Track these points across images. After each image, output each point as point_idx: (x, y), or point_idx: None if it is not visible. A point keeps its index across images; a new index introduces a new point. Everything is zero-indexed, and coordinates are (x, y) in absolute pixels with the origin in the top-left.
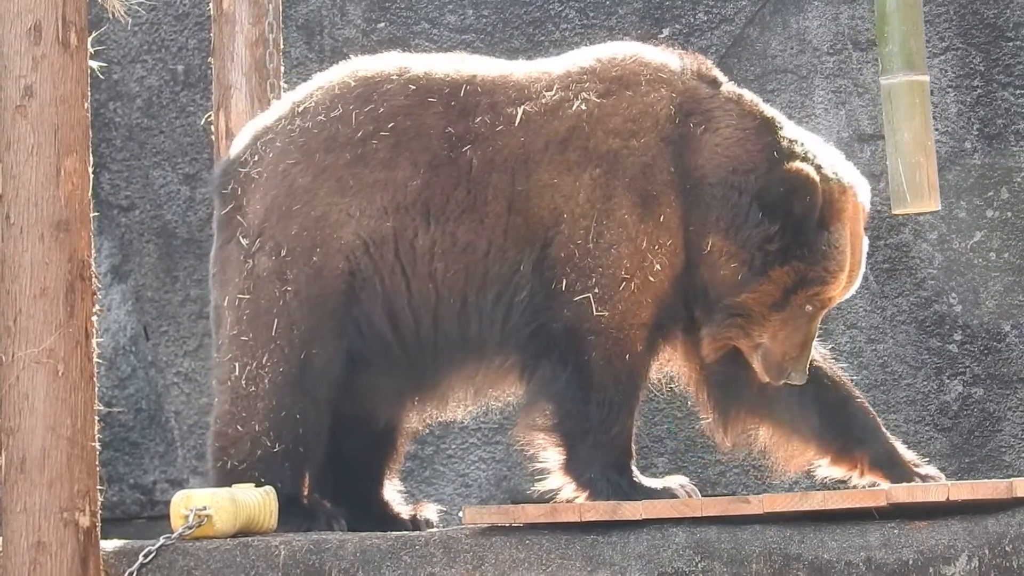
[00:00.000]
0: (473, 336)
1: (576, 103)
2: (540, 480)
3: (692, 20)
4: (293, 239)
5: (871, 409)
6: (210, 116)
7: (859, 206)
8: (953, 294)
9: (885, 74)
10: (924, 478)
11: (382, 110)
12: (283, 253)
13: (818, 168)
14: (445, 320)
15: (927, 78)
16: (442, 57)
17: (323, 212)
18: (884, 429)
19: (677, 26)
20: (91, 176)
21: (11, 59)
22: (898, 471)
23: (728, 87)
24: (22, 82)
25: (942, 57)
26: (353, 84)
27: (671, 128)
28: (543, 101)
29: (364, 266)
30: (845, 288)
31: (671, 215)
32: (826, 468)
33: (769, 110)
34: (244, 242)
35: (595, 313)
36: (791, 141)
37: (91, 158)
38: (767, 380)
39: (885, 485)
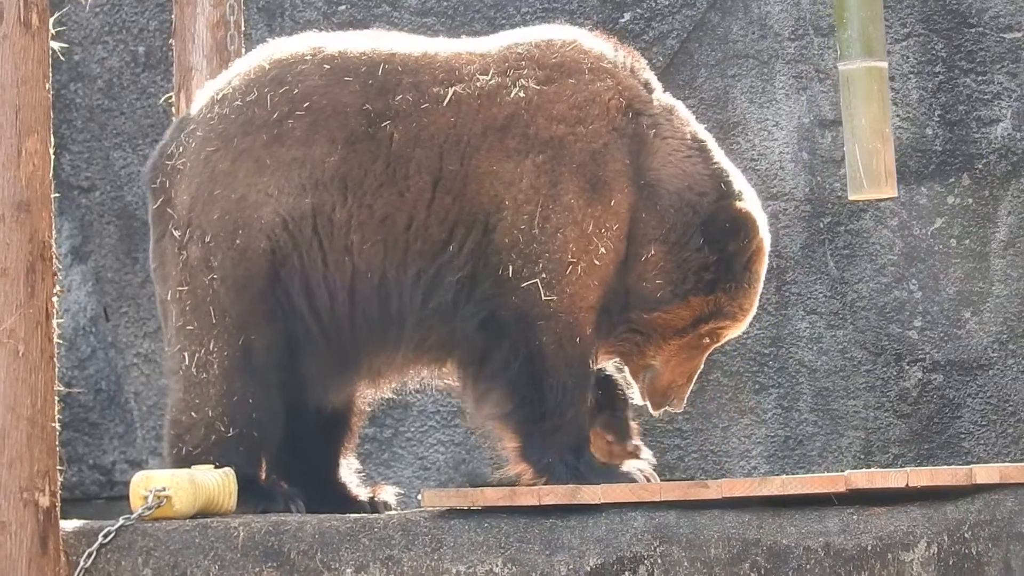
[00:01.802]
0: (393, 314)
1: (515, 90)
2: (498, 467)
3: (653, 4)
4: (216, 224)
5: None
6: (170, 97)
7: (767, 252)
8: (913, 280)
9: (843, 60)
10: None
11: (297, 91)
12: (208, 240)
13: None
14: (362, 296)
15: (885, 64)
16: (358, 35)
17: (243, 194)
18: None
19: (638, 10)
20: (52, 157)
21: None
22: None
23: (660, 95)
24: None
25: (904, 43)
26: (268, 67)
27: (623, 121)
28: (478, 85)
29: (283, 243)
30: (739, 328)
31: (622, 201)
32: None
33: (701, 130)
34: (176, 234)
35: (544, 298)
36: (728, 173)
37: (52, 139)
38: (645, 403)
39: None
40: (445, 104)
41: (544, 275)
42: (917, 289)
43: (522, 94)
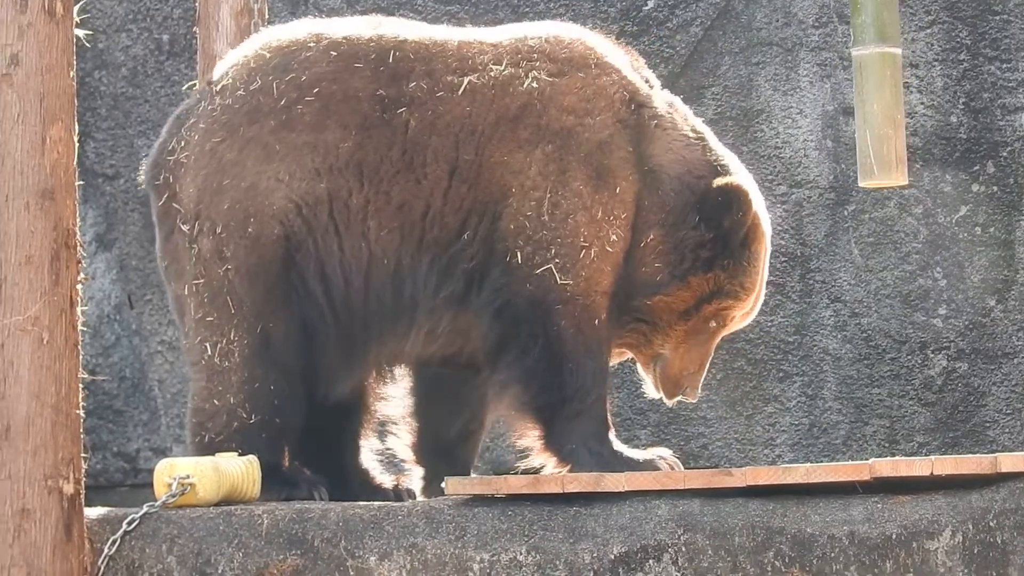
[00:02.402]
0: (406, 300)
1: (527, 81)
2: (522, 458)
3: None
4: (226, 214)
5: None
6: (194, 85)
7: (767, 235)
8: (938, 268)
9: (857, 45)
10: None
11: (304, 77)
12: (219, 231)
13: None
14: (377, 282)
15: (899, 51)
16: (357, 21)
17: (252, 182)
18: None
19: None
20: (76, 145)
21: None
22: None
23: (659, 91)
24: (8, 51)
25: (928, 31)
26: (269, 56)
27: (626, 113)
28: (491, 75)
29: (298, 228)
30: (748, 312)
31: (627, 188)
32: None
33: (700, 123)
34: (185, 228)
35: (559, 282)
36: (726, 159)
37: (76, 127)
38: (660, 395)
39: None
40: (460, 93)
41: (558, 260)
42: (942, 277)
43: (535, 85)
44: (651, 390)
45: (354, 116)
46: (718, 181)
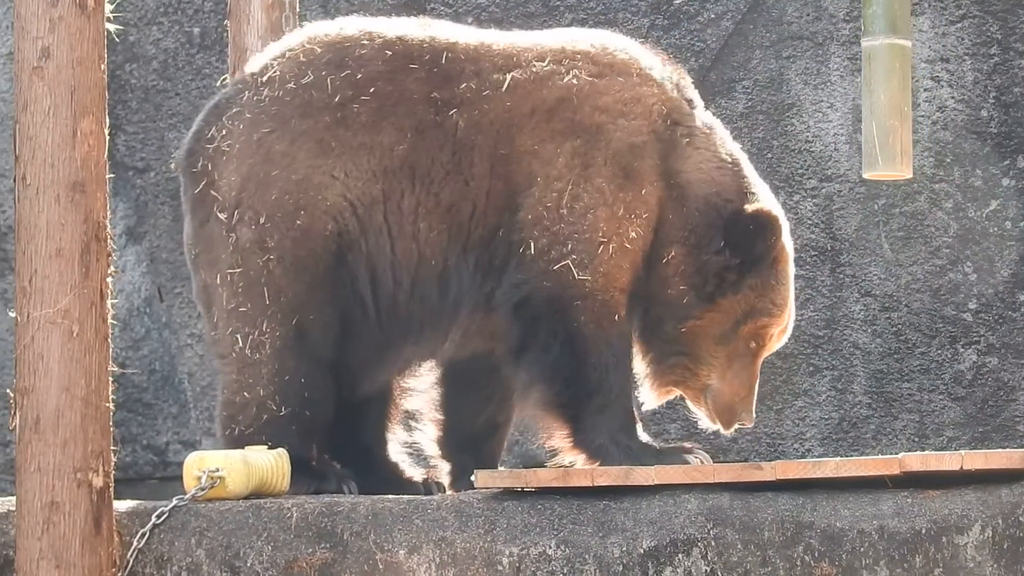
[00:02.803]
0: (450, 301)
1: (568, 77)
2: (552, 457)
3: None
4: (273, 205)
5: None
6: (226, 79)
7: (792, 257)
8: (968, 263)
9: (867, 36)
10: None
11: (360, 75)
12: (262, 221)
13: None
14: (424, 282)
15: (909, 43)
16: (407, 22)
17: (305, 175)
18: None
19: None
20: (107, 138)
21: (28, 20)
22: None
23: (702, 112)
24: (39, 43)
25: (959, 25)
26: (320, 51)
27: (661, 125)
28: (533, 70)
29: (352, 227)
30: (784, 330)
31: (652, 192)
32: None
33: (736, 149)
34: (223, 216)
35: (577, 278)
36: (758, 186)
37: (107, 120)
38: (717, 427)
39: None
40: (504, 90)
41: (575, 256)
42: (972, 271)
43: (574, 81)
44: (706, 423)
45: (409, 119)
46: (749, 207)
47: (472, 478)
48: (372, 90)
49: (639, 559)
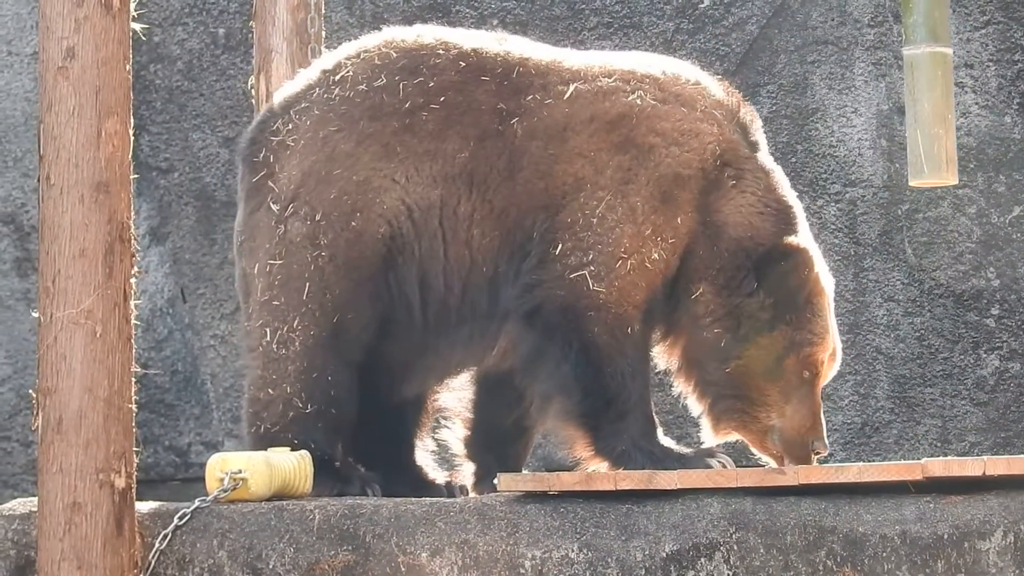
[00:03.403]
0: (500, 307)
1: (632, 96)
2: (575, 464)
3: None
4: (331, 203)
5: None
6: (252, 80)
7: (829, 291)
8: (991, 268)
9: (908, 45)
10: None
11: (432, 84)
12: (318, 218)
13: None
14: (475, 288)
15: (950, 51)
16: (482, 35)
17: (366, 177)
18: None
19: None
20: (131, 138)
21: (54, 20)
22: None
23: (763, 156)
24: (64, 44)
25: (983, 31)
26: (395, 55)
27: (712, 164)
28: (598, 84)
29: (406, 231)
30: (833, 355)
31: (685, 221)
32: None
33: (792, 197)
34: (275, 208)
35: (592, 288)
36: (802, 233)
37: (132, 120)
38: (792, 462)
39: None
40: (565, 98)
41: (592, 267)
42: (995, 277)
43: (637, 101)
44: (783, 458)
45: (474, 128)
46: (780, 242)
47: (495, 481)
48: (442, 99)
49: (661, 563)
